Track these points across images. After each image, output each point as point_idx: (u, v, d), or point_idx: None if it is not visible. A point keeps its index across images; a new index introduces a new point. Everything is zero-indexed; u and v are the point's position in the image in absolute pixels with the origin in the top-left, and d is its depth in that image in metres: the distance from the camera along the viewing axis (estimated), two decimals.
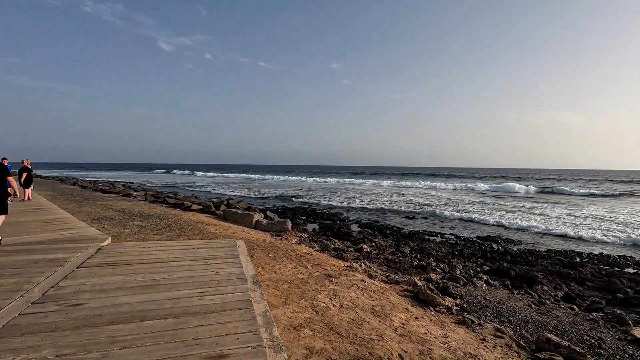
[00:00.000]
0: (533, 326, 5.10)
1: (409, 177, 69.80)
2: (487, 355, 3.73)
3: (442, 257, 9.70)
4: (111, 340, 2.73)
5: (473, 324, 4.66)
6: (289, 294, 4.62)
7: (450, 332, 4.25)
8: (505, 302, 6.12)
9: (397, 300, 5.14)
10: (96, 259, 5.07)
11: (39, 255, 5.18)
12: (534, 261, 9.66)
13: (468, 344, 3.95)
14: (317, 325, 3.72)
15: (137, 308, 3.35)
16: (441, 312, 5.03)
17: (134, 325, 3.00)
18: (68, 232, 7.00)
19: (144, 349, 2.60)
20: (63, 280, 4.12)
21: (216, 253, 5.53)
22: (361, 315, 4.16)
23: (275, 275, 5.41)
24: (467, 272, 8.21)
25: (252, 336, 2.85)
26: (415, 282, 6.08)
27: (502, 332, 4.53)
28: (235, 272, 4.58)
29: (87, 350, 2.58)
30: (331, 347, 3.26)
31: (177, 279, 4.21)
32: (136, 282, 4.06)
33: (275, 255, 6.76)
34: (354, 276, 5.91)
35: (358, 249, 9.55)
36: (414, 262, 8.66)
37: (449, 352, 3.57)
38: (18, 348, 2.61)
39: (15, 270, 4.46)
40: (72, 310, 3.30)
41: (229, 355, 2.54)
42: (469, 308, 5.51)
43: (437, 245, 11.38)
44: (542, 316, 5.56)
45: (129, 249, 5.75)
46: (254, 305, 3.51)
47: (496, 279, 7.84)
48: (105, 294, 3.70)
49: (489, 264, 9.33)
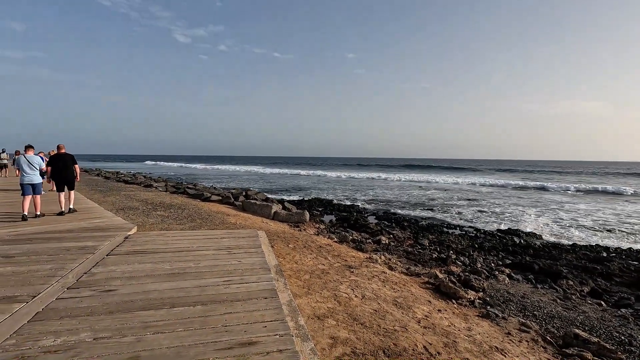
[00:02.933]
0: (559, 321, 4.99)
1: (424, 170, 68.84)
2: (513, 349, 3.68)
3: (462, 249, 9.57)
4: (144, 325, 2.83)
5: (497, 318, 4.59)
6: (311, 284, 4.66)
7: (474, 325, 4.21)
8: (529, 296, 6.00)
9: (419, 292, 5.11)
10: (124, 247, 5.24)
11: (70, 243, 5.39)
12: (558, 255, 9.41)
13: (493, 337, 3.90)
14: (340, 316, 3.75)
15: (166, 295, 3.45)
16: (464, 305, 4.97)
17: (165, 311, 3.09)
18: (96, 221, 7.24)
19: (175, 335, 2.68)
20: (95, 267, 4.28)
21: (238, 243, 5.62)
22: (384, 307, 4.17)
23: (296, 265, 5.46)
24: (489, 266, 8.08)
25: (279, 325, 2.90)
26: (437, 274, 6.02)
27: (528, 326, 4.45)
28: (259, 261, 4.65)
29: (122, 334, 2.68)
30: (355, 337, 3.28)
31: (202, 268, 4.31)
32: (163, 270, 4.18)
33: (295, 245, 6.82)
34: (374, 267, 5.91)
35: (376, 241, 9.53)
36: (434, 255, 8.58)
37: (474, 345, 3.53)
38: (58, 330, 2.73)
39: (50, 257, 4.66)
40: (105, 295, 3.42)
41: (258, 343, 2.59)
42: (492, 302, 5.43)
43: (457, 238, 11.22)
44: (568, 311, 5.43)
45: (154, 237, 5.91)
46: (279, 294, 3.56)
47: (519, 273, 7.69)
48: (135, 281, 3.82)
49: (510, 257, 9.14)
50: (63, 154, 8.59)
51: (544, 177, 48.17)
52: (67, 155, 8.56)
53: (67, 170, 8.39)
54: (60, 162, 8.36)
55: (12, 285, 3.64)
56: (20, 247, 5.10)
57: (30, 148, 8.12)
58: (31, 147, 8.13)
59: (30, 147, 8.10)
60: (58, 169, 8.33)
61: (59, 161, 8.37)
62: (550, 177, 49.83)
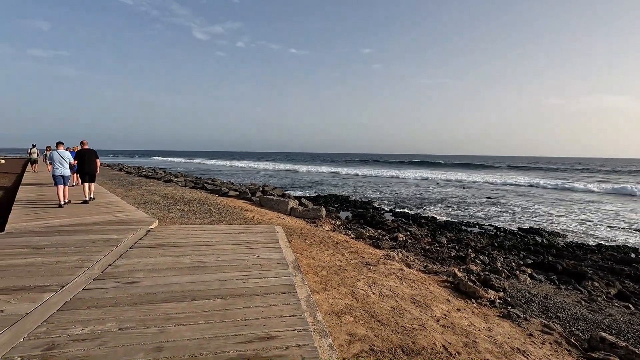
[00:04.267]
0: (584, 324, 4.82)
1: (442, 167, 67.68)
2: (536, 351, 3.58)
3: (482, 248, 9.38)
4: (166, 317, 2.90)
5: (519, 319, 4.48)
6: (328, 280, 4.67)
7: (494, 325, 4.12)
8: (552, 297, 5.83)
9: (437, 290, 5.04)
10: (146, 241, 5.38)
11: (95, 236, 5.57)
12: (583, 255, 9.09)
13: (514, 338, 3.81)
14: (357, 312, 3.74)
15: (187, 288, 3.53)
16: (484, 305, 4.88)
17: (186, 304, 3.16)
18: (119, 215, 7.47)
19: (196, 327, 2.74)
20: (119, 259, 4.41)
21: (256, 238, 5.68)
22: (402, 305, 4.13)
23: (313, 261, 5.48)
24: (509, 265, 7.89)
25: (298, 320, 2.91)
26: (455, 273, 5.93)
27: (551, 328, 4.32)
28: (276, 256, 4.69)
29: (146, 325, 2.76)
30: (373, 335, 3.27)
31: (222, 262, 4.38)
32: (184, 264, 4.27)
33: (312, 241, 6.84)
34: (391, 265, 5.86)
35: (393, 238, 9.45)
36: (452, 253, 8.45)
37: (495, 345, 3.46)
38: (85, 320, 2.83)
39: (77, 248, 4.83)
40: (129, 287, 3.53)
41: (277, 337, 2.62)
42: (513, 302, 5.30)
43: (476, 236, 11.00)
44: (593, 314, 5.24)
45: (175, 231, 6.04)
46: (297, 289, 3.58)
47: (541, 273, 7.48)
48: (157, 274, 3.92)
49: (532, 257, 8.90)
50: (87, 149, 9.47)
51: (567, 175, 46.61)
52: (91, 150, 9.47)
53: (90, 164, 9.28)
54: (84, 157, 9.27)
55: (42, 275, 3.79)
56: (49, 239, 5.32)
57: (61, 144, 8.95)
58: (62, 143, 8.97)
59: (60, 143, 8.94)
60: (82, 162, 9.21)
61: (84, 155, 9.28)
62: (573, 175, 48.14)
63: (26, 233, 5.71)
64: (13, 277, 3.72)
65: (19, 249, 4.77)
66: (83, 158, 9.24)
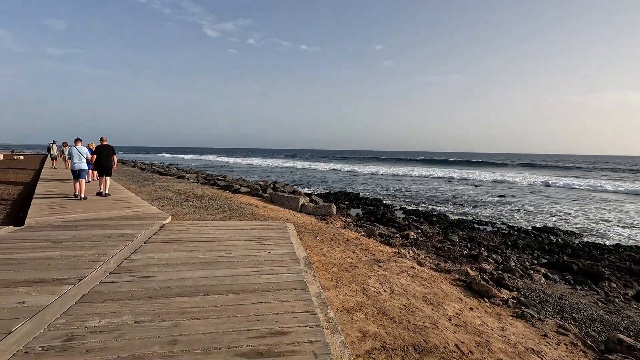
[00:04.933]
0: (601, 325, 4.72)
1: (454, 165, 66.85)
2: (551, 352, 3.53)
3: (494, 247, 9.24)
4: (180, 311, 2.95)
5: (533, 319, 4.41)
6: (339, 277, 4.67)
7: (508, 325, 4.07)
8: (567, 297, 5.72)
9: (449, 289, 5.00)
10: (160, 236, 5.47)
11: (111, 230, 5.69)
12: (600, 256, 8.88)
13: (528, 338, 3.76)
14: (369, 310, 3.74)
15: (201, 283, 3.57)
16: (497, 304, 4.81)
17: (199, 298, 3.20)
18: (134, 210, 7.60)
19: (210, 321, 2.78)
20: (134, 254, 4.50)
21: (268, 234, 5.72)
22: (413, 302, 4.11)
23: (324, 258, 5.49)
24: (523, 264, 7.76)
25: (310, 316, 2.93)
26: (468, 271, 5.86)
27: (566, 329, 4.24)
28: (288, 253, 4.71)
29: (161, 318, 2.81)
30: (385, 332, 3.26)
31: (234, 258, 4.42)
32: (197, 259, 4.33)
33: (323, 238, 6.85)
34: (403, 262, 5.83)
35: (404, 236, 9.39)
36: (464, 251, 8.35)
37: (508, 345, 3.42)
38: (102, 312, 2.90)
39: (93, 242, 4.94)
40: (144, 281, 3.59)
41: (289, 333, 2.64)
42: (527, 302, 5.22)
43: (488, 235, 10.86)
44: (610, 315, 5.12)
45: (187, 227, 6.13)
46: (309, 286, 3.59)
47: (556, 273, 7.34)
48: (171, 268, 3.98)
49: (546, 256, 8.74)
50: (105, 145, 10.06)
51: (583, 173, 45.52)
52: (109, 146, 10.08)
53: (107, 159, 9.88)
54: (103, 152, 9.84)
55: (60, 269, 3.90)
56: (67, 233, 5.45)
57: (79, 140, 9.60)
58: (79, 140, 9.62)
59: (78, 140, 9.60)
60: (100, 158, 9.79)
61: (102, 151, 9.86)
62: (589, 173, 47.00)
63: (45, 227, 5.87)
64: (33, 270, 3.84)
65: (39, 243, 4.91)
66: (101, 154, 9.81)
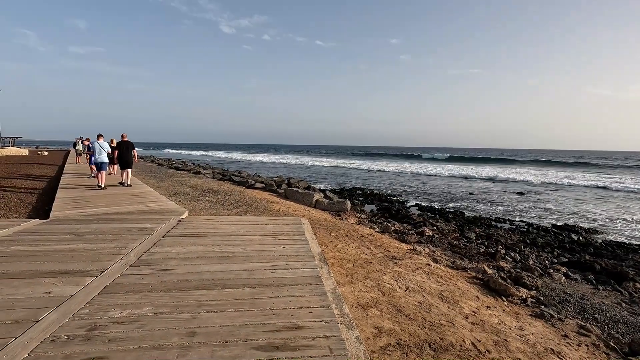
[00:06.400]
0: (624, 326, 4.57)
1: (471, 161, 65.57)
2: (571, 353, 3.44)
3: (512, 245, 9.05)
4: (198, 303, 3.01)
5: (552, 319, 4.31)
6: (353, 273, 4.67)
7: (526, 324, 3.99)
8: (588, 297, 5.56)
9: (466, 287, 4.93)
10: (178, 230, 5.58)
11: (131, 224, 5.84)
12: (624, 255, 8.58)
13: (548, 339, 3.68)
14: (384, 306, 3.73)
15: (217, 276, 3.64)
16: (515, 303, 4.72)
17: (216, 292, 3.26)
18: (152, 205, 7.78)
19: (227, 315, 2.82)
20: (153, 247, 4.61)
21: (283, 230, 5.76)
22: (429, 300, 4.07)
23: (339, 254, 5.50)
24: (542, 263, 7.58)
25: (325, 311, 2.94)
26: (485, 269, 5.77)
27: (588, 329, 4.13)
28: (303, 248, 4.74)
29: (179, 311, 2.87)
30: (400, 329, 3.25)
31: (250, 252, 4.48)
32: (214, 253, 4.40)
33: (338, 234, 6.85)
34: (418, 259, 5.78)
35: (419, 232, 9.30)
36: (481, 249, 8.21)
37: (527, 345, 3.35)
38: (123, 304, 2.99)
39: (114, 236, 5.09)
40: (162, 274, 3.68)
41: (304, 328, 2.66)
42: (547, 301, 5.10)
43: (506, 232, 10.63)
44: (635, 317, 4.95)
45: (204, 222, 6.23)
46: (323, 281, 3.61)
47: (577, 272, 7.13)
48: (189, 262, 4.06)
49: (567, 255, 8.50)
50: (126, 141, 10.95)
51: (607, 170, 43.94)
52: (129, 142, 10.98)
53: (127, 154, 10.83)
54: (123, 147, 10.81)
55: (84, 261, 4.03)
56: (89, 227, 5.63)
57: (101, 136, 10.75)
58: (101, 136, 10.78)
59: (100, 136, 10.74)
60: (122, 152, 10.76)
61: (123, 146, 10.82)
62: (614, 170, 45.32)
63: (68, 221, 6.08)
64: (58, 262, 3.98)
65: (63, 235, 5.09)
66: (122, 149, 10.74)
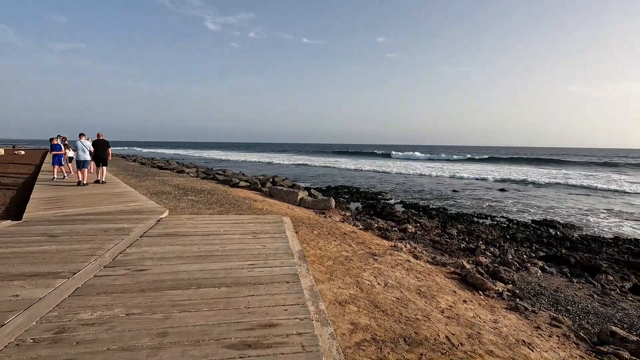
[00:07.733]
0: (595, 317, 4.74)
1: (458, 160, 66.63)
2: (542, 344, 3.54)
3: (493, 240, 9.25)
4: (172, 304, 2.97)
5: (526, 311, 4.43)
6: (333, 270, 4.69)
7: (500, 317, 4.09)
8: (562, 290, 5.73)
9: (444, 282, 5.02)
10: (156, 230, 5.49)
11: (108, 225, 5.72)
12: (598, 249, 8.88)
13: (520, 330, 3.78)
14: (362, 302, 3.76)
15: (194, 276, 3.60)
16: (491, 297, 4.83)
17: (192, 291, 3.23)
18: (131, 205, 7.63)
19: (201, 314, 2.80)
20: (129, 247, 4.53)
21: (264, 228, 5.74)
22: (406, 295, 4.13)
23: (319, 251, 5.51)
24: (520, 257, 7.77)
25: (300, 308, 2.95)
26: (464, 264, 5.88)
27: (559, 321, 4.26)
28: (282, 246, 4.73)
29: (152, 311, 2.83)
30: (376, 324, 3.28)
31: (228, 251, 4.44)
32: (192, 252, 4.35)
33: (320, 232, 6.87)
34: (398, 256, 5.85)
35: (402, 229, 9.41)
36: (462, 245, 8.36)
37: (499, 337, 3.44)
38: (95, 305, 2.93)
39: (90, 237, 4.97)
40: (137, 274, 3.62)
41: (279, 325, 2.66)
42: (522, 294, 5.24)
43: (487, 228, 10.86)
44: (605, 307, 5.14)
45: (184, 221, 6.15)
46: (301, 279, 3.61)
47: (553, 266, 7.35)
48: (166, 262, 4.01)
49: (544, 249, 8.75)
50: (102, 139, 11.54)
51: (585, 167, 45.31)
52: (104, 140, 11.54)
53: (103, 152, 11.37)
54: (99, 145, 11.31)
55: (56, 262, 3.93)
56: (63, 227, 5.49)
57: (83, 135, 10.96)
58: (83, 135, 10.98)
59: (82, 135, 10.94)
60: (97, 150, 11.24)
61: (99, 144, 11.32)
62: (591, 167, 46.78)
63: (43, 222, 5.91)
64: (29, 264, 3.87)
65: (35, 237, 4.94)
66: (98, 147, 11.24)
